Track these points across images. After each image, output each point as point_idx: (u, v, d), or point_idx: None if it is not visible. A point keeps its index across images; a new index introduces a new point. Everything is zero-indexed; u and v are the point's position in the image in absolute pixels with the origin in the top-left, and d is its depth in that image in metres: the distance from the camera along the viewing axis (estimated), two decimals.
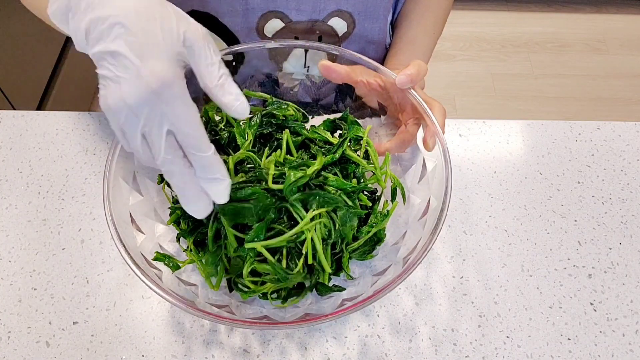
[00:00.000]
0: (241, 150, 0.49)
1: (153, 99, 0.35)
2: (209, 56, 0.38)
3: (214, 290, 0.49)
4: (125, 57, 0.35)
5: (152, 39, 0.35)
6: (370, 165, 0.52)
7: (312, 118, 0.61)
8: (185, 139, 0.36)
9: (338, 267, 0.50)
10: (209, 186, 0.39)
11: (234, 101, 0.39)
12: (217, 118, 0.55)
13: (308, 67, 0.59)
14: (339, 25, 0.65)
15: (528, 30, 2.05)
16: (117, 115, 0.36)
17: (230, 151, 0.51)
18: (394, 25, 0.73)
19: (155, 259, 0.48)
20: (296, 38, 0.58)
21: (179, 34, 0.37)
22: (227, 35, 0.65)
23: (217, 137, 0.51)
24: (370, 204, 0.52)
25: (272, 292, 0.49)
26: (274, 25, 0.63)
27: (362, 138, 0.54)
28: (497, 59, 1.96)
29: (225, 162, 0.47)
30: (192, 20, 0.39)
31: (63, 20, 0.39)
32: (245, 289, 0.48)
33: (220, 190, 0.39)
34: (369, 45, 0.69)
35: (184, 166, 0.38)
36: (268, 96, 0.54)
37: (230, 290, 0.50)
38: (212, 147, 0.38)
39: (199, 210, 0.40)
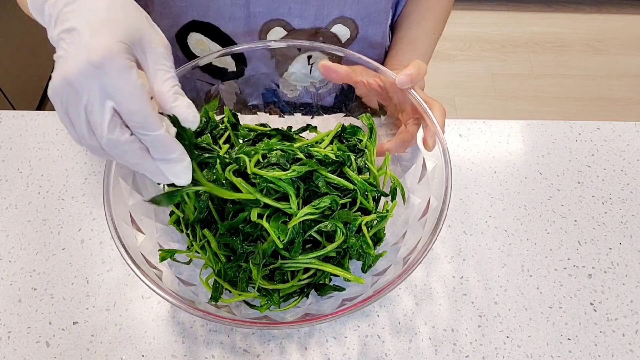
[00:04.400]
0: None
1: (93, 72, 0.33)
2: (165, 63, 0.37)
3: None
4: (78, 33, 0.34)
5: (113, 20, 0.35)
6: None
7: (312, 118, 0.61)
8: (131, 116, 0.34)
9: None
10: (165, 168, 0.37)
11: (186, 108, 0.37)
12: (218, 118, 0.55)
13: (312, 65, 0.59)
14: (342, 32, 0.64)
15: (528, 30, 2.05)
16: (60, 95, 0.34)
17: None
18: (394, 26, 0.73)
19: (162, 258, 0.48)
20: (299, 49, 0.58)
21: (141, 27, 0.36)
22: (229, 45, 0.65)
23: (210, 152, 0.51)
24: (371, 206, 0.52)
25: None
26: (277, 33, 0.63)
27: (361, 141, 0.54)
28: (497, 59, 1.96)
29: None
30: (159, 30, 0.38)
31: (39, 10, 0.38)
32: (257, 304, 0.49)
33: (177, 171, 0.37)
34: (371, 49, 0.69)
35: (135, 146, 0.36)
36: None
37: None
38: (163, 125, 0.36)
39: (162, 181, 0.38)
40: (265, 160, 0.48)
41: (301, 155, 0.49)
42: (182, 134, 0.39)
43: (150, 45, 0.37)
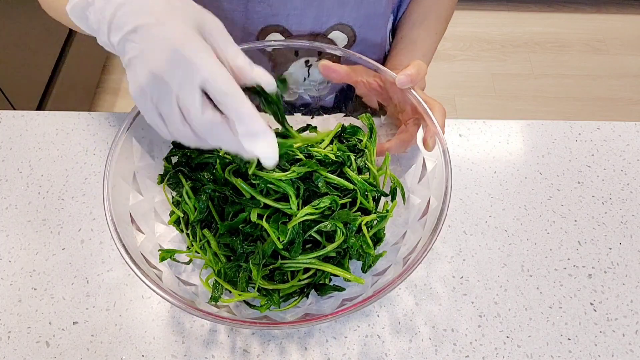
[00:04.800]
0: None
1: (179, 58, 0.34)
2: (230, 39, 0.37)
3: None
4: (147, 28, 0.34)
5: (175, 8, 0.36)
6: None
7: (312, 118, 0.61)
8: (221, 90, 0.35)
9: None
10: (251, 145, 0.36)
11: (265, 74, 0.37)
12: None
13: (309, 68, 0.59)
14: (339, 38, 0.64)
15: (528, 30, 2.05)
16: (149, 92, 0.35)
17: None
18: (395, 26, 0.72)
19: (162, 258, 0.48)
20: (296, 53, 0.57)
21: (199, 11, 0.37)
22: None
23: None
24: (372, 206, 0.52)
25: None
26: (274, 38, 0.63)
27: (361, 141, 0.54)
28: (497, 59, 1.96)
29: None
30: (208, 11, 0.38)
31: (81, 16, 0.39)
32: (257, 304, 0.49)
33: (264, 147, 0.36)
34: (369, 51, 0.69)
35: (226, 126, 0.36)
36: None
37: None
38: (249, 100, 0.36)
39: (263, 160, 0.37)
40: None
41: (301, 156, 0.49)
42: (271, 101, 0.39)
43: (212, 26, 0.37)
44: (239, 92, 0.35)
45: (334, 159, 0.50)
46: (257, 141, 0.36)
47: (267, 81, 0.38)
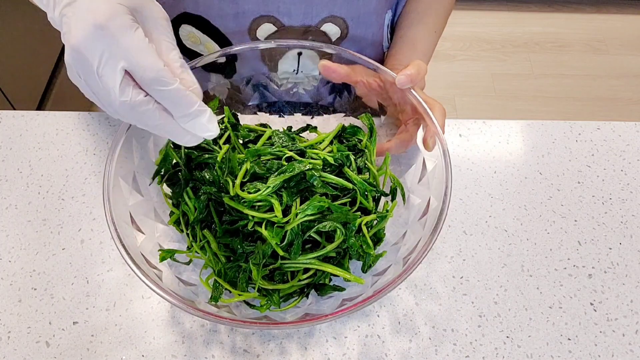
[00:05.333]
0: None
1: (98, 34, 0.33)
2: (168, 34, 0.36)
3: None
4: (78, 3, 0.34)
5: None
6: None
7: (312, 118, 0.61)
8: (144, 73, 0.33)
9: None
10: (190, 125, 0.36)
11: (193, 83, 0.36)
12: (217, 118, 0.55)
13: (298, 70, 0.59)
14: (332, 30, 0.64)
15: (528, 30, 2.05)
16: (74, 67, 0.34)
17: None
18: (394, 24, 0.72)
19: (162, 258, 0.48)
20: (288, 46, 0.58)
21: None
22: (219, 38, 0.65)
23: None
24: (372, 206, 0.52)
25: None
26: (267, 29, 0.63)
27: (362, 140, 0.54)
28: (497, 59, 1.96)
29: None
30: (158, 3, 0.38)
31: None
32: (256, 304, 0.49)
33: (202, 124, 0.36)
34: (363, 48, 0.69)
35: (151, 106, 0.35)
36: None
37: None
38: (177, 80, 0.35)
39: (190, 142, 0.38)
40: (259, 166, 0.48)
41: (291, 154, 0.49)
42: None
43: (151, 14, 0.36)
44: (166, 72, 0.34)
45: (332, 162, 0.50)
46: (196, 120, 0.36)
47: (192, 91, 0.37)
